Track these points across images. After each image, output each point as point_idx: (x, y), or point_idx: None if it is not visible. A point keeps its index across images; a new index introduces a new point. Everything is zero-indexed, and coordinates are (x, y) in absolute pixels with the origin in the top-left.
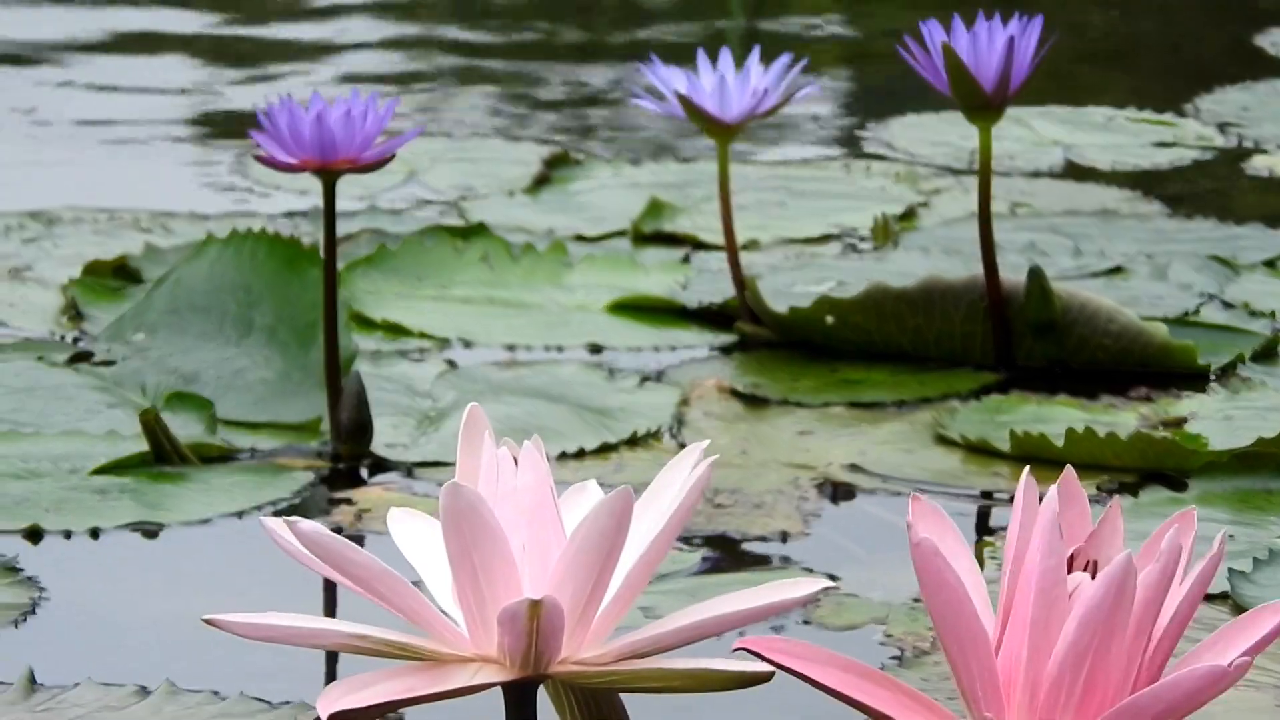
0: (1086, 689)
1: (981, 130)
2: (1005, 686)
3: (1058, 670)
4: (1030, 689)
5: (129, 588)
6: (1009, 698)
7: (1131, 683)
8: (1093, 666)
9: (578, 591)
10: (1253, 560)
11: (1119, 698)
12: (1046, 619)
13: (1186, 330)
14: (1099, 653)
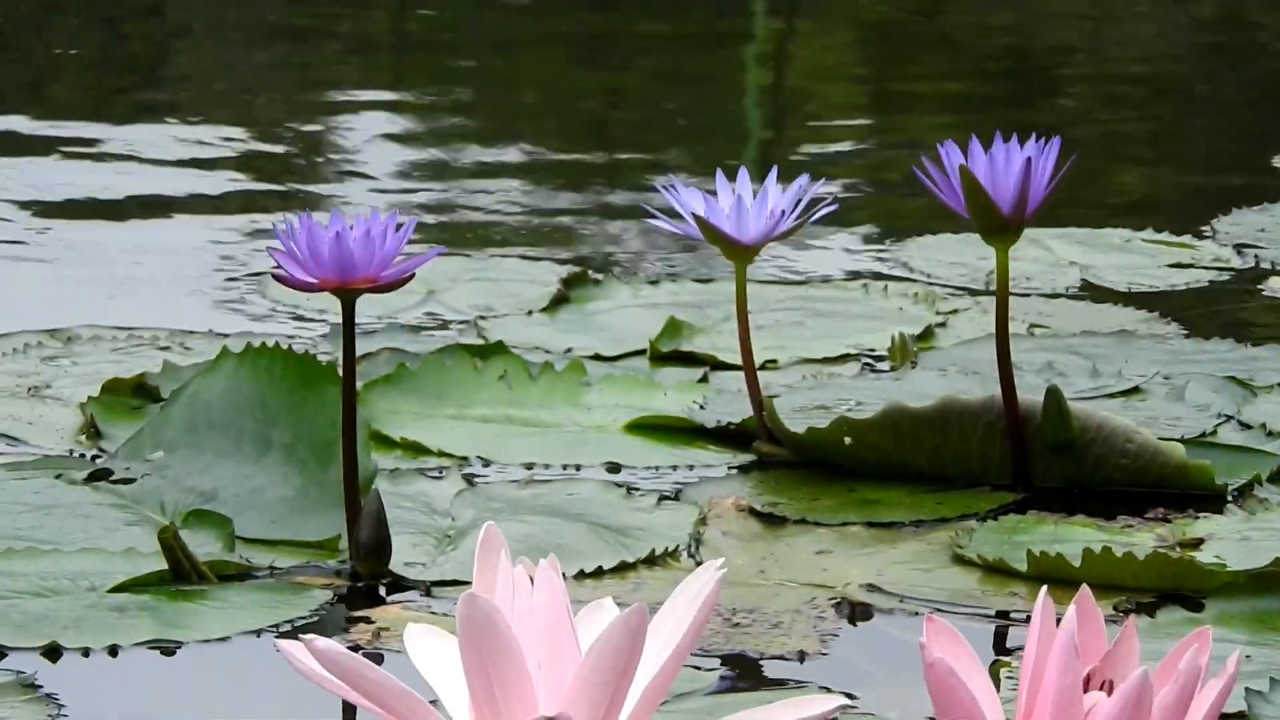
0: None
1: (999, 252)
2: None
3: None
4: None
5: (147, 705)
6: None
7: None
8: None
9: (593, 709)
10: (1269, 680)
11: None
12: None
13: (1203, 451)
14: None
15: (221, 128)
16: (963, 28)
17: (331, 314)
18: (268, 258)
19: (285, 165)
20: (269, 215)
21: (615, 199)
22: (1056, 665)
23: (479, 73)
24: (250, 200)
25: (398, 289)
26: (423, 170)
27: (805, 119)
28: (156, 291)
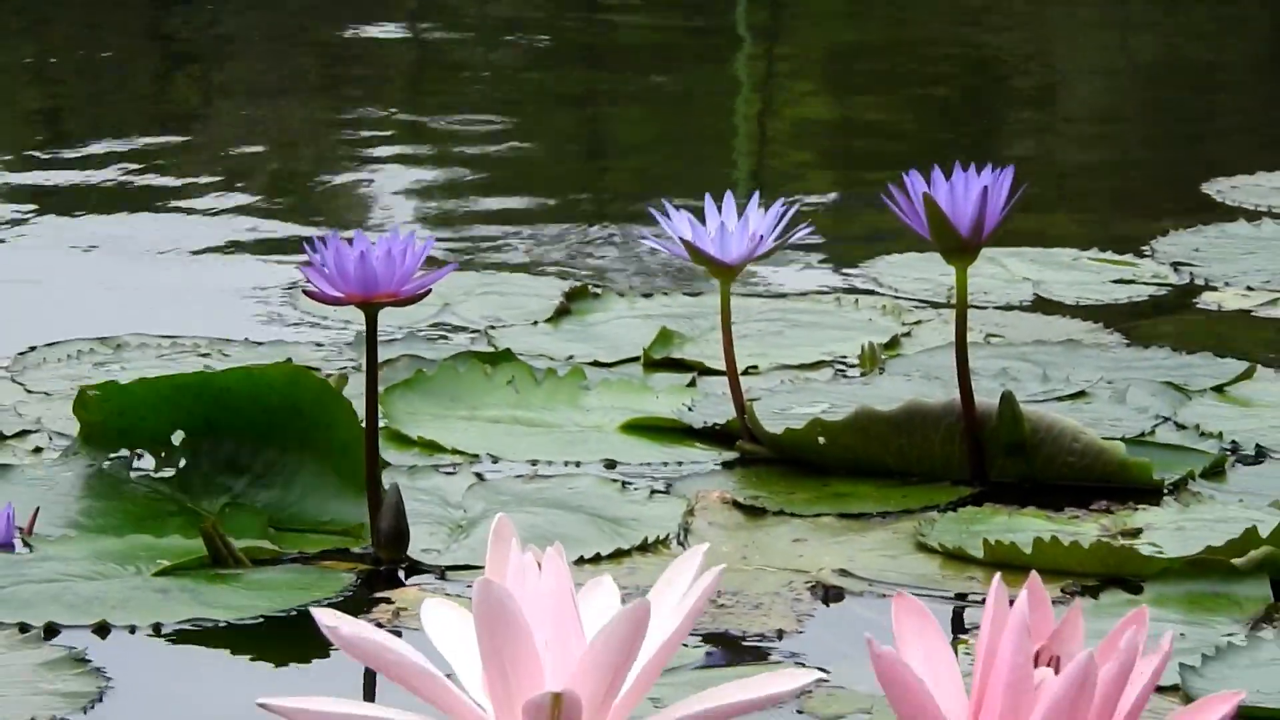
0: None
1: (958, 270)
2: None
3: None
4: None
5: (189, 677)
6: None
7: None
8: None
9: (596, 687)
10: (1201, 656)
11: None
12: (1015, 711)
13: (1143, 449)
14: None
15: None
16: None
17: (356, 324)
18: (299, 275)
19: (313, 209)
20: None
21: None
22: (1010, 644)
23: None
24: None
25: (416, 302)
26: (438, 213)
27: (787, 146)
28: (199, 304)
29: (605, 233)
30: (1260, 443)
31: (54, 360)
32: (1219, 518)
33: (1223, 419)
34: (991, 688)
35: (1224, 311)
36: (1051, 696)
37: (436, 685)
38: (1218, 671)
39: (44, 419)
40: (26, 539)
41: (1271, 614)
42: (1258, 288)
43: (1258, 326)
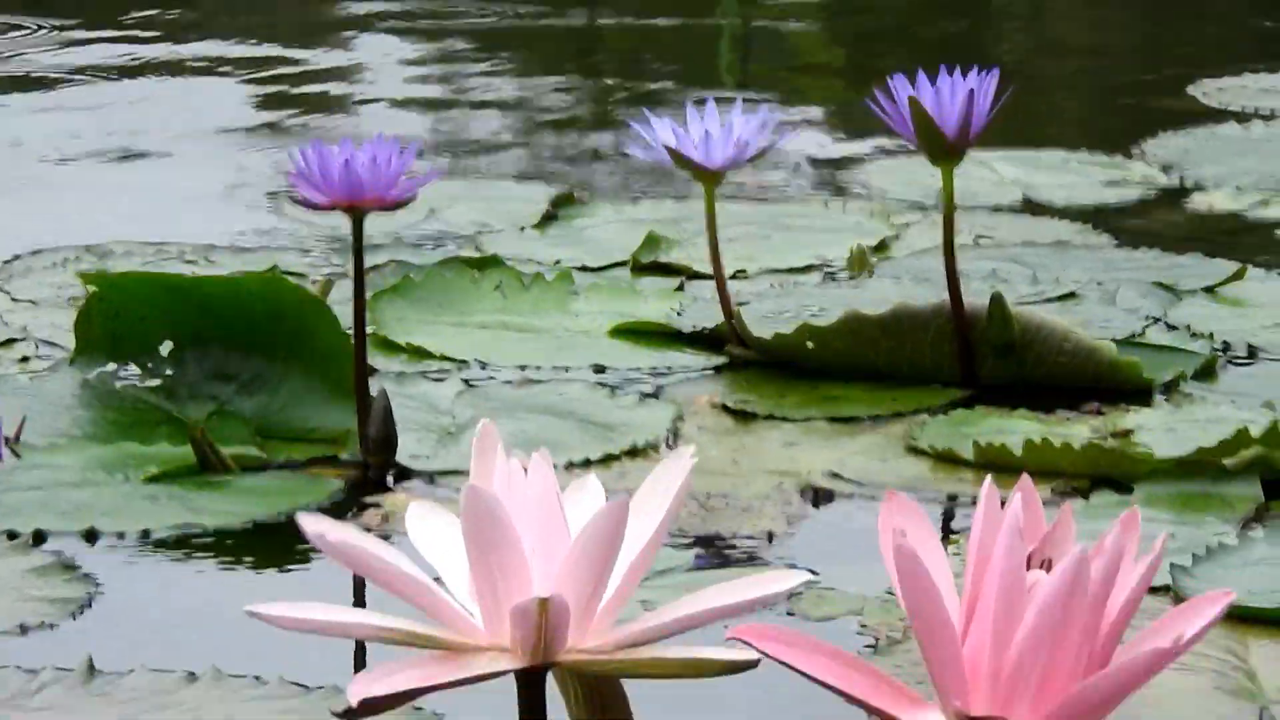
0: (1045, 674)
1: (945, 173)
2: (970, 675)
3: (1018, 657)
4: (993, 676)
5: (177, 584)
6: (974, 685)
7: (1084, 667)
8: (1050, 653)
9: (581, 589)
10: (1192, 557)
11: (1074, 681)
12: (1008, 612)
13: (1133, 350)
14: (1055, 640)
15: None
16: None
17: (342, 230)
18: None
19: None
20: (288, 138)
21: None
22: (1003, 546)
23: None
24: (270, 125)
25: (402, 208)
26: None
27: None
28: (184, 210)
29: (594, 139)
30: (1251, 343)
31: (40, 269)
32: (1210, 418)
33: (1214, 320)
34: (984, 590)
35: (1213, 212)
36: (1044, 596)
37: (423, 591)
38: (1208, 571)
39: (30, 327)
40: (14, 447)
41: (1262, 514)
42: (1247, 188)
43: (1248, 227)
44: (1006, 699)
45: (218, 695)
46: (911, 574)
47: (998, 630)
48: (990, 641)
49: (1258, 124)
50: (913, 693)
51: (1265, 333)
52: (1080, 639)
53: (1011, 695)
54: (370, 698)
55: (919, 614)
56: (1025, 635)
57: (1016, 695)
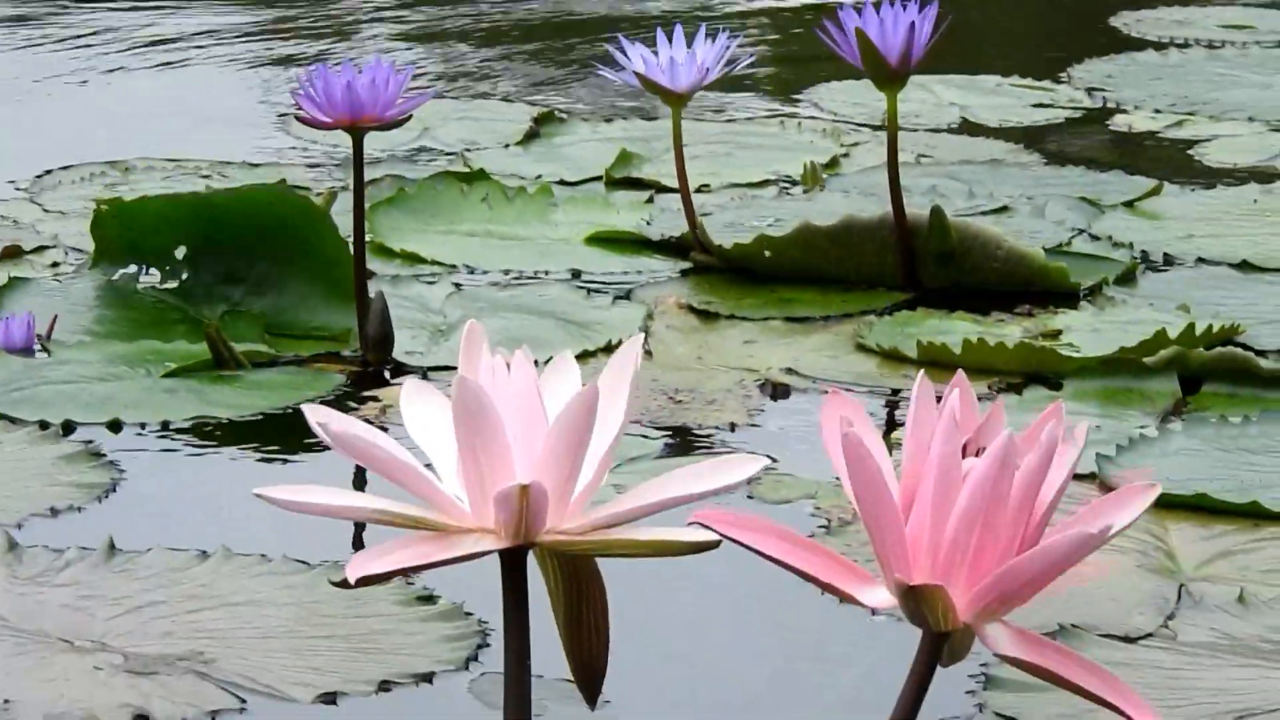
0: (978, 551)
1: (889, 96)
2: (913, 551)
3: (953, 535)
4: (932, 552)
5: (193, 470)
6: (915, 560)
7: (1016, 547)
8: (983, 531)
9: (557, 474)
10: (1116, 447)
11: (1006, 558)
12: (945, 494)
13: (1060, 258)
14: (987, 519)
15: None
16: None
17: (344, 148)
18: (292, 102)
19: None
20: (293, 68)
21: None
22: (940, 435)
23: None
24: (279, 56)
25: (398, 127)
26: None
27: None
28: (199, 129)
29: (571, 65)
30: (1168, 252)
31: (69, 182)
32: (1131, 320)
33: (1133, 231)
34: (923, 475)
35: (1134, 133)
36: (976, 476)
37: (416, 477)
38: (1131, 460)
39: (60, 236)
40: (45, 345)
41: (1179, 408)
42: (1164, 110)
43: (1165, 146)
44: (944, 571)
45: (227, 571)
46: (858, 460)
47: (936, 511)
48: (929, 522)
49: (1174, 51)
50: (861, 570)
51: (1179, 243)
52: (1013, 518)
53: (948, 570)
54: (367, 575)
55: (865, 497)
56: (959, 512)
57: (953, 568)
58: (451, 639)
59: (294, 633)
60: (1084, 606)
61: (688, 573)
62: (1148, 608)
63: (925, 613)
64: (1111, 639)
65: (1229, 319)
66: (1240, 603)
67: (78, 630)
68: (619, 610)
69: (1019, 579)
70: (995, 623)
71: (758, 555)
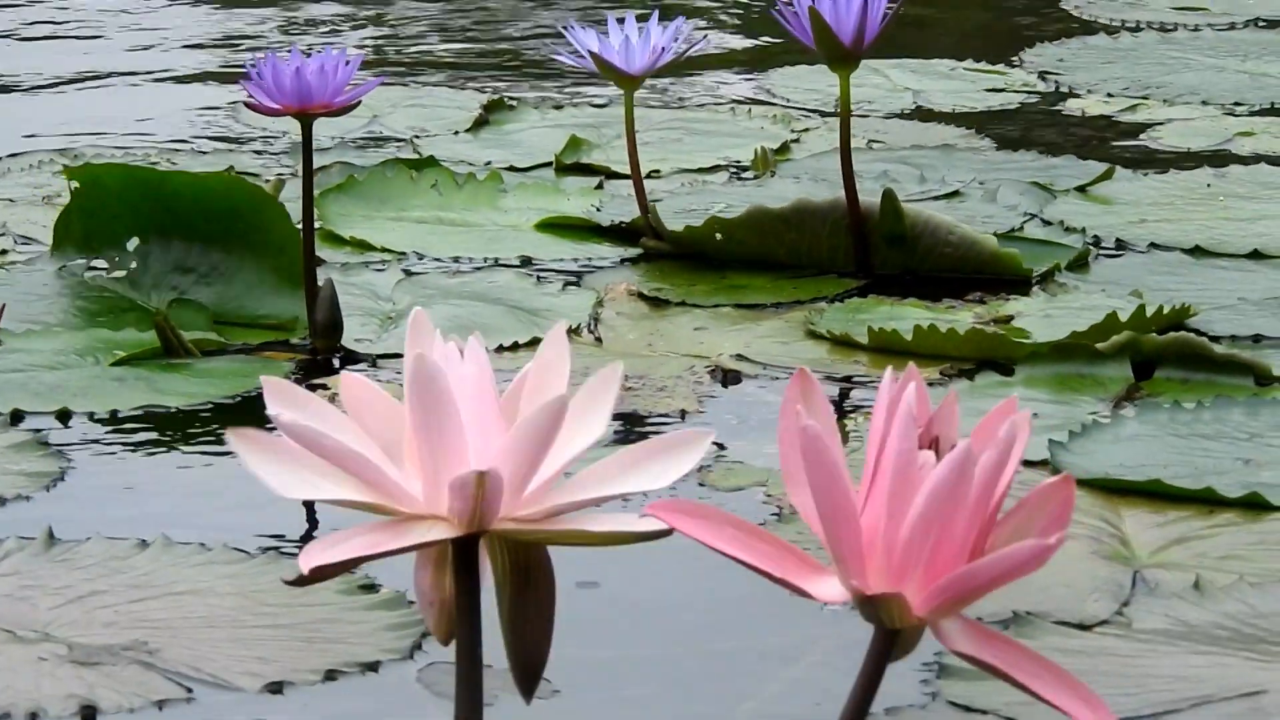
0: (934, 551)
1: (842, 78)
2: (867, 549)
3: (909, 537)
4: (887, 551)
5: (142, 459)
6: (870, 558)
7: (971, 541)
8: (939, 534)
9: (516, 468)
10: (1069, 433)
11: (962, 555)
12: (902, 492)
13: (1013, 244)
14: (944, 523)
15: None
16: None
17: (293, 134)
18: (241, 89)
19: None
20: (242, 54)
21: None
22: (896, 431)
23: None
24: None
25: (347, 113)
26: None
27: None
28: (149, 117)
29: (523, 47)
30: (1120, 237)
31: (16, 170)
32: (1083, 306)
33: (1085, 216)
34: (880, 472)
35: (1086, 117)
36: (934, 481)
37: (369, 467)
38: (1083, 447)
39: (8, 223)
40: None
41: (1132, 393)
42: (1117, 94)
43: (1117, 130)
44: (899, 573)
45: (167, 560)
46: (817, 456)
47: (892, 509)
48: (885, 520)
49: (1125, 35)
50: (813, 560)
51: (1132, 228)
52: (969, 519)
53: (903, 570)
54: (320, 566)
55: (821, 494)
56: (915, 515)
57: (909, 569)
58: (396, 627)
59: (238, 622)
60: (1038, 593)
61: (631, 559)
62: (1103, 594)
63: (880, 615)
64: (1066, 626)
65: (1181, 302)
66: (1196, 589)
67: (20, 620)
68: (562, 598)
69: (974, 582)
70: (950, 618)
71: (707, 548)
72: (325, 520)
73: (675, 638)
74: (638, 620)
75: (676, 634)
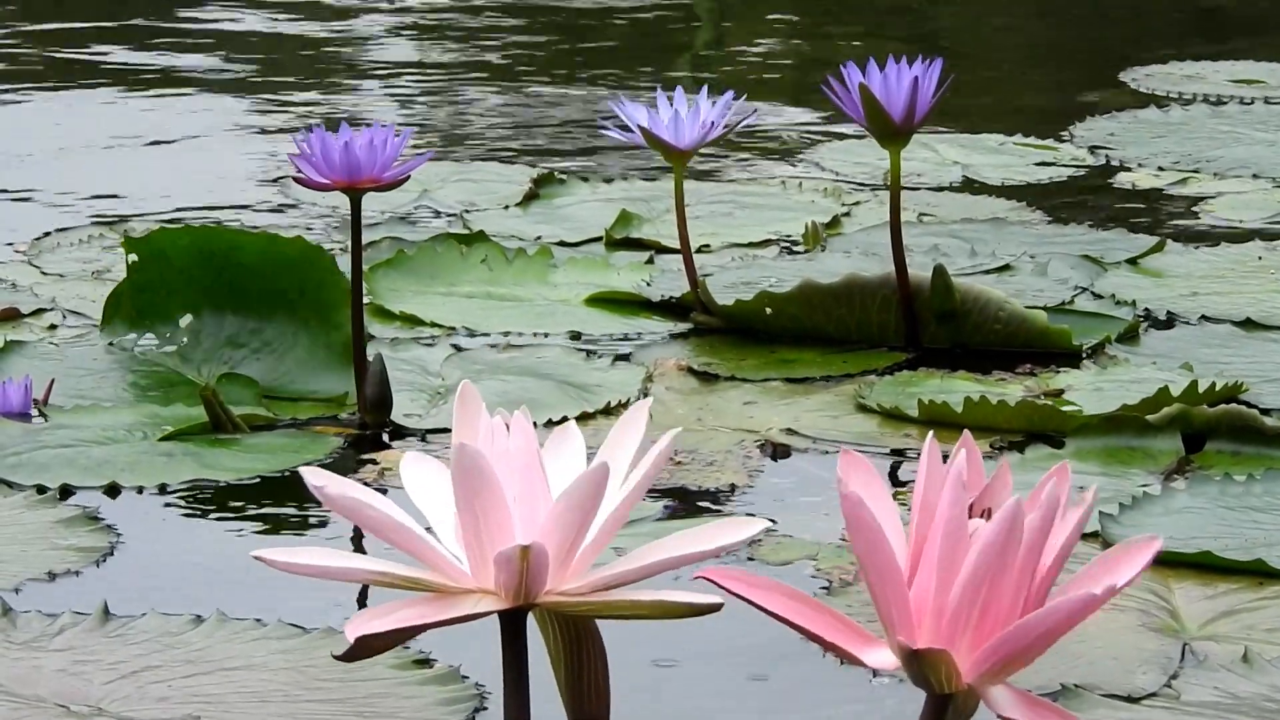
0: (983, 614)
1: (892, 154)
2: (917, 614)
3: (959, 598)
4: (937, 615)
5: (191, 534)
6: (919, 623)
7: (1020, 608)
8: (988, 595)
9: (561, 539)
10: (1119, 505)
11: (1010, 620)
12: (951, 557)
13: (1063, 317)
14: (993, 583)
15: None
16: None
17: (342, 209)
18: (290, 164)
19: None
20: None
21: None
22: (948, 496)
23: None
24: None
25: (397, 188)
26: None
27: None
28: (199, 191)
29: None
30: (1171, 310)
31: (67, 245)
32: (1134, 378)
33: (1136, 289)
34: (929, 537)
35: (1137, 190)
36: (983, 541)
37: (414, 538)
38: (1134, 519)
39: (58, 298)
40: (42, 409)
41: (1183, 466)
42: (1168, 168)
43: (1168, 203)
44: (949, 634)
45: (222, 636)
46: (858, 520)
47: (941, 574)
48: (935, 584)
49: (1176, 109)
50: (864, 630)
51: (1183, 300)
52: (1017, 581)
53: (953, 633)
54: (366, 635)
55: (868, 559)
56: (965, 577)
57: (958, 631)
58: (449, 702)
59: (290, 697)
60: (1086, 666)
61: (689, 633)
62: (1151, 667)
63: (929, 675)
64: (1114, 699)
65: (1233, 377)
66: (1244, 662)
67: (74, 695)
68: (619, 666)
69: (1023, 641)
70: (999, 685)
71: (762, 612)
72: (381, 596)
73: (726, 708)
74: (688, 689)
75: (727, 704)
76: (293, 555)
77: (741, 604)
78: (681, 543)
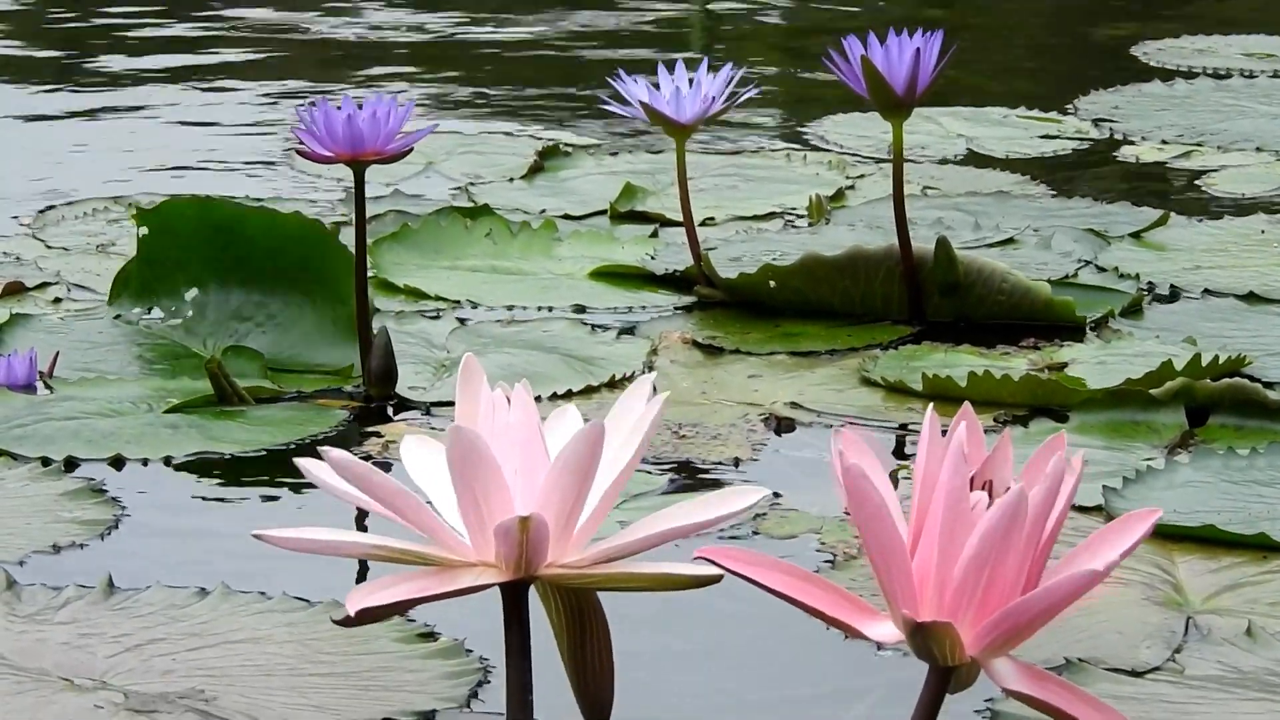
0: (986, 588)
1: (895, 126)
2: (919, 586)
3: (962, 576)
4: (940, 587)
5: (196, 506)
6: (922, 596)
7: (1023, 580)
8: (991, 573)
9: (560, 508)
10: (1122, 479)
11: (1013, 593)
12: (953, 529)
13: (1066, 290)
14: (996, 562)
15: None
16: None
17: (346, 182)
18: (294, 137)
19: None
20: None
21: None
22: (948, 469)
23: None
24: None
25: (400, 160)
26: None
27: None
28: (203, 165)
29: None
30: (1174, 283)
31: (71, 218)
32: (1137, 352)
33: (1140, 262)
34: (930, 509)
35: (1141, 164)
36: (987, 524)
37: (417, 509)
38: (1137, 493)
39: (63, 272)
40: (47, 381)
41: (1186, 440)
42: (1171, 141)
43: (1171, 177)
44: (952, 607)
45: (227, 609)
46: (860, 494)
47: (944, 547)
48: (937, 557)
49: (1180, 82)
50: (866, 604)
51: (1186, 274)
52: (1021, 554)
53: (955, 608)
54: (366, 608)
55: (870, 532)
56: (969, 557)
57: (961, 605)
58: (453, 676)
59: (295, 670)
60: (1090, 640)
61: (692, 606)
62: (1155, 641)
63: (933, 648)
64: (1118, 673)
65: (1236, 351)
66: (1248, 636)
67: (78, 668)
68: (625, 642)
69: (1027, 615)
70: (1002, 657)
71: (763, 590)
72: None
73: (730, 681)
74: (692, 663)
75: (731, 678)
76: (292, 532)
77: (742, 579)
78: (681, 513)
